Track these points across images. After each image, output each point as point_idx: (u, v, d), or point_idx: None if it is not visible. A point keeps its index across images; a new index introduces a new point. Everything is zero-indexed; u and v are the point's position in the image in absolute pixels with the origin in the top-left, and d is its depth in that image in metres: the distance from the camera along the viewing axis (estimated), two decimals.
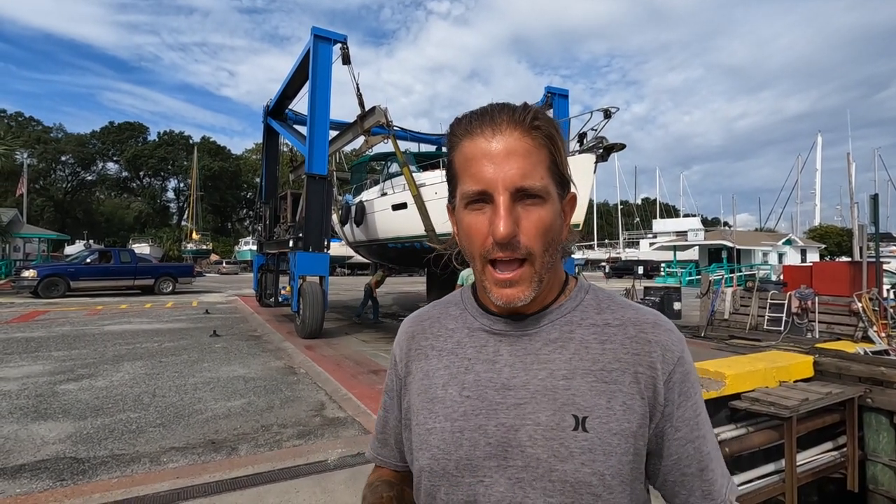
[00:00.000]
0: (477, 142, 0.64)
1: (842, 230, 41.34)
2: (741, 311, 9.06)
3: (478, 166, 0.63)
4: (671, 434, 0.67)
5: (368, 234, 12.54)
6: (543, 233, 0.63)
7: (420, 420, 0.71)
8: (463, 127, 0.66)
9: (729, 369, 4.50)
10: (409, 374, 0.77)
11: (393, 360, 0.82)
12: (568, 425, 0.63)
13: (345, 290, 22.06)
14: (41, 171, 57.81)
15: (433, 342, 0.76)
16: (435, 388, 0.71)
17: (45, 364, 6.50)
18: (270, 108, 13.46)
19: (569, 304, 0.71)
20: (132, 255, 18.69)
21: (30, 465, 3.42)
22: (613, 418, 0.63)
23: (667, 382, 0.66)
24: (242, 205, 73.37)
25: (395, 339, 0.83)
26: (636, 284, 13.12)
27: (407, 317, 0.85)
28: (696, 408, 0.68)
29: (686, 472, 0.67)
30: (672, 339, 0.68)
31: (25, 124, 60.01)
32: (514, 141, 0.62)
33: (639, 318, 0.69)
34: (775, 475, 4.38)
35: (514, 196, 0.62)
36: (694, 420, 0.67)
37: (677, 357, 0.67)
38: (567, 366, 0.66)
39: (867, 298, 7.21)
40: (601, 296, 0.73)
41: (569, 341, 0.68)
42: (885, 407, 4.65)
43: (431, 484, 0.68)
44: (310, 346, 8.13)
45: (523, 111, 0.64)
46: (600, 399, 0.64)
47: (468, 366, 0.70)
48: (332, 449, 3.75)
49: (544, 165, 0.64)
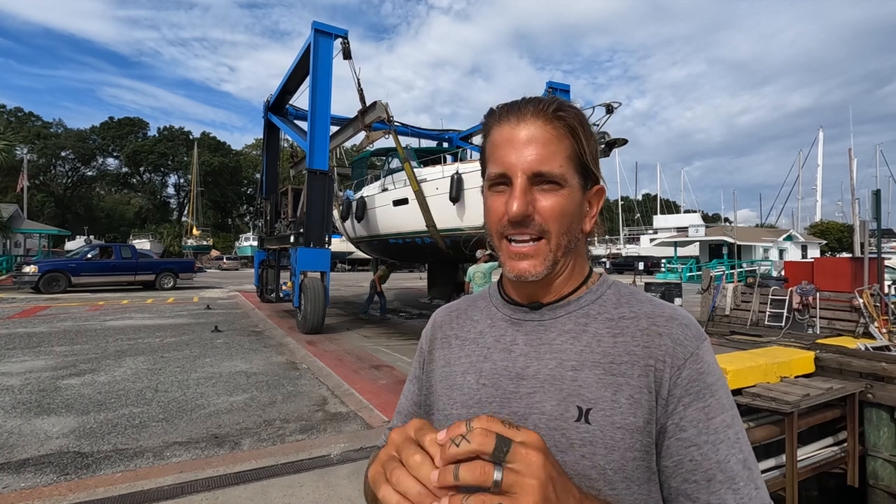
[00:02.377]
0: (503, 129, 0.68)
1: (843, 226, 41.33)
2: (742, 306, 9.06)
3: (501, 151, 0.67)
4: (673, 433, 0.62)
5: (369, 229, 12.53)
6: (558, 215, 0.66)
7: (440, 406, 0.73)
8: (494, 116, 0.70)
9: (730, 365, 4.51)
10: (433, 361, 0.79)
11: (420, 348, 0.85)
12: (571, 416, 0.62)
13: (346, 285, 22.09)
14: (41, 167, 57.72)
15: (457, 331, 0.78)
16: (455, 375, 0.73)
17: (47, 359, 6.52)
18: (271, 104, 13.42)
19: (588, 297, 0.71)
20: (133, 250, 18.72)
21: (33, 459, 3.43)
22: (618, 412, 0.61)
23: (674, 377, 0.63)
24: (243, 200, 73.24)
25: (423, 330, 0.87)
26: (637, 280, 13.12)
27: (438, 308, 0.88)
28: (711, 411, 0.62)
29: (689, 479, 0.60)
30: (686, 335, 0.65)
31: (25, 119, 59.89)
32: (536, 129, 0.66)
33: (654, 311, 0.68)
34: (776, 470, 4.39)
35: (532, 180, 0.65)
36: (705, 423, 0.61)
37: (690, 353, 0.64)
38: (578, 357, 0.66)
39: (868, 294, 7.21)
40: (623, 291, 0.72)
41: (582, 333, 0.68)
42: (885, 402, 4.66)
43: None
44: (311, 342, 8.15)
45: (548, 102, 0.68)
46: (606, 391, 0.63)
47: (486, 354, 0.72)
48: (335, 444, 3.77)
49: (564, 154, 0.66)
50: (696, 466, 0.60)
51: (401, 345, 8.18)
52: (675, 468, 0.61)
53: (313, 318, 8.89)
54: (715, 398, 0.63)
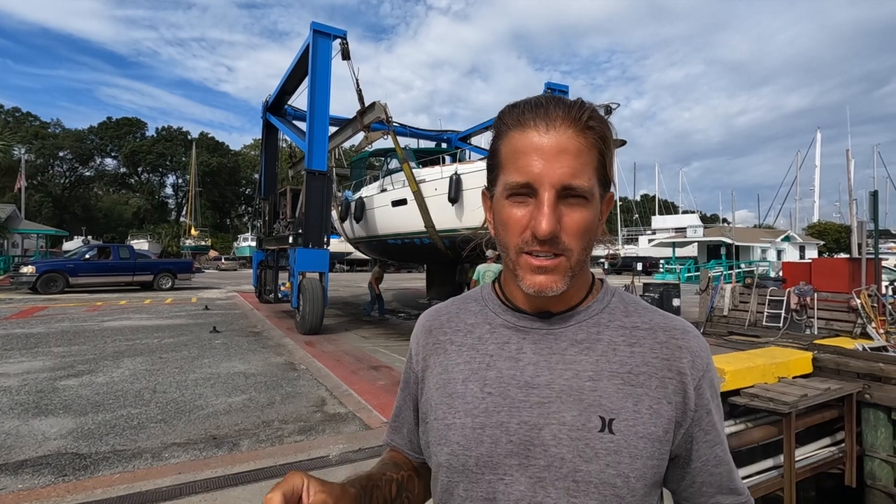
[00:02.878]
0: (528, 134, 0.63)
1: (840, 227, 41.44)
2: (740, 307, 9.08)
3: (527, 159, 0.62)
4: (701, 437, 0.69)
5: (368, 230, 12.53)
6: (584, 233, 0.63)
7: (439, 415, 0.70)
8: (515, 116, 0.65)
9: (728, 365, 4.52)
10: (427, 368, 0.76)
11: (409, 355, 0.81)
12: (594, 426, 0.63)
13: (344, 286, 22.07)
14: (39, 167, 57.61)
15: (452, 337, 0.75)
16: (454, 382, 0.71)
17: (44, 360, 6.50)
18: (269, 104, 13.41)
19: (596, 306, 0.71)
20: (131, 251, 18.67)
21: (31, 460, 3.42)
22: (640, 421, 0.63)
23: (697, 388, 0.67)
24: (241, 201, 73.18)
25: (412, 333, 0.83)
26: (635, 281, 13.12)
27: (424, 311, 0.85)
28: (720, 412, 0.71)
29: (714, 472, 0.70)
30: (701, 346, 0.70)
31: (23, 119, 59.78)
32: (567, 139, 0.62)
33: (668, 323, 0.70)
34: (774, 470, 4.40)
35: (560, 194, 0.61)
36: (720, 423, 0.71)
37: (706, 363, 0.69)
38: (594, 367, 0.66)
39: (866, 295, 7.23)
40: (628, 299, 0.74)
41: (596, 343, 0.68)
42: (883, 403, 4.67)
43: (450, 480, 0.68)
44: (310, 343, 8.14)
45: (580, 109, 0.63)
46: (627, 402, 0.64)
47: (490, 362, 0.70)
48: (334, 444, 3.77)
49: (592, 167, 0.63)
50: (719, 462, 0.70)
51: (399, 345, 8.17)
52: (703, 466, 0.70)
53: (312, 318, 8.88)
54: (719, 399, 0.71)
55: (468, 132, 15.36)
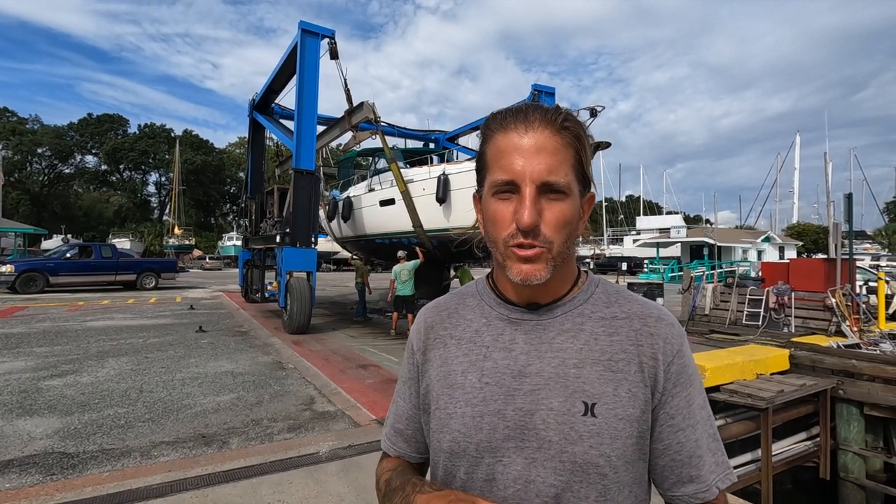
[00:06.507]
0: (510, 136, 0.69)
1: (819, 228, 42.32)
2: (721, 306, 9.28)
3: (508, 159, 0.68)
4: (664, 421, 0.72)
5: (356, 229, 12.52)
6: (563, 225, 0.68)
7: (440, 405, 0.76)
8: (498, 121, 0.72)
9: (709, 362, 4.65)
10: (427, 361, 0.81)
11: (410, 349, 0.85)
12: (578, 411, 0.68)
13: (331, 285, 21.98)
14: (16, 164, 56.29)
15: (451, 331, 0.80)
16: (454, 374, 0.76)
17: (27, 360, 6.41)
18: (256, 103, 13.33)
19: (580, 297, 0.77)
20: (113, 250, 18.38)
21: (18, 460, 3.40)
22: (619, 405, 0.69)
23: (665, 372, 0.72)
24: (226, 199, 72.34)
25: (412, 329, 0.87)
26: (620, 281, 13.32)
27: (424, 306, 0.89)
28: (690, 398, 0.73)
29: (676, 458, 0.72)
30: (672, 333, 0.74)
31: (0, 115, 58.33)
32: (545, 139, 0.68)
33: (644, 311, 0.75)
34: (752, 464, 4.54)
35: (540, 189, 0.67)
36: (687, 409, 0.72)
37: (676, 350, 0.73)
38: (578, 355, 0.72)
39: (841, 294, 7.46)
40: (610, 290, 0.79)
41: (580, 332, 0.73)
42: (856, 398, 4.85)
43: (451, 464, 0.74)
44: (297, 342, 8.13)
45: (555, 112, 0.70)
46: (607, 387, 0.69)
47: (486, 353, 0.75)
48: (324, 441, 3.80)
49: (569, 164, 0.69)
50: (681, 447, 0.72)
51: (387, 344, 8.21)
52: (665, 450, 0.72)
53: (299, 317, 8.87)
54: (693, 387, 0.74)
55: (456, 132, 15.42)
